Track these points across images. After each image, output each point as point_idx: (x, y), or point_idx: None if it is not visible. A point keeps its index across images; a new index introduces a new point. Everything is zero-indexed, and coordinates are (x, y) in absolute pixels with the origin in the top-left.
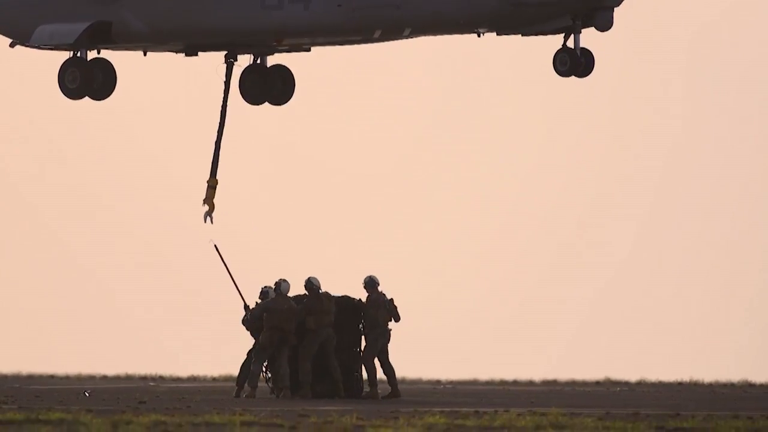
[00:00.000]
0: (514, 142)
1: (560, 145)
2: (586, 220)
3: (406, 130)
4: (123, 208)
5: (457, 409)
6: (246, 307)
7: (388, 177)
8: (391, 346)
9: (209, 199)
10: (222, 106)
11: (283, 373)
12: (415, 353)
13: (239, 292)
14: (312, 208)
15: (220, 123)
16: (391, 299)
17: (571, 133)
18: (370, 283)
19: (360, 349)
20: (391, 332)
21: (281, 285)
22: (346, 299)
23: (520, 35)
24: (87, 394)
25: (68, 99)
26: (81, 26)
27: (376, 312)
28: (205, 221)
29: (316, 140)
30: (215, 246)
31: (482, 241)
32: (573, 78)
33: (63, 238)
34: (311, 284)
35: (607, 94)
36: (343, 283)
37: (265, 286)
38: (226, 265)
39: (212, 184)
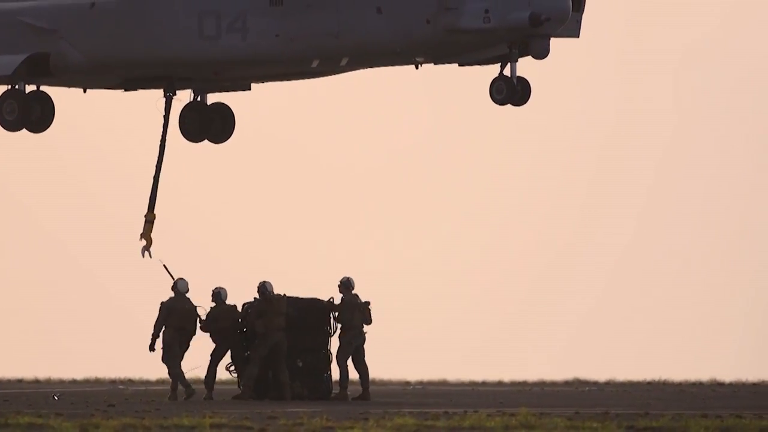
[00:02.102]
0: (512, 144)
1: (556, 147)
2: (562, 226)
3: (350, 164)
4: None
5: (426, 410)
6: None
7: (333, 213)
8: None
9: (146, 234)
10: (161, 141)
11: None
12: (385, 354)
13: (194, 306)
14: (266, 233)
15: (158, 157)
16: (367, 302)
17: (570, 134)
18: (346, 285)
19: (329, 350)
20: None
21: (177, 283)
22: (314, 301)
23: (457, 65)
24: (56, 398)
25: (5, 130)
26: (19, 58)
27: (351, 314)
28: (143, 256)
29: (255, 178)
30: (164, 265)
31: (452, 246)
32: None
33: (35, 244)
34: (264, 288)
35: (603, 97)
36: (314, 289)
37: (216, 288)
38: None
39: (150, 219)
